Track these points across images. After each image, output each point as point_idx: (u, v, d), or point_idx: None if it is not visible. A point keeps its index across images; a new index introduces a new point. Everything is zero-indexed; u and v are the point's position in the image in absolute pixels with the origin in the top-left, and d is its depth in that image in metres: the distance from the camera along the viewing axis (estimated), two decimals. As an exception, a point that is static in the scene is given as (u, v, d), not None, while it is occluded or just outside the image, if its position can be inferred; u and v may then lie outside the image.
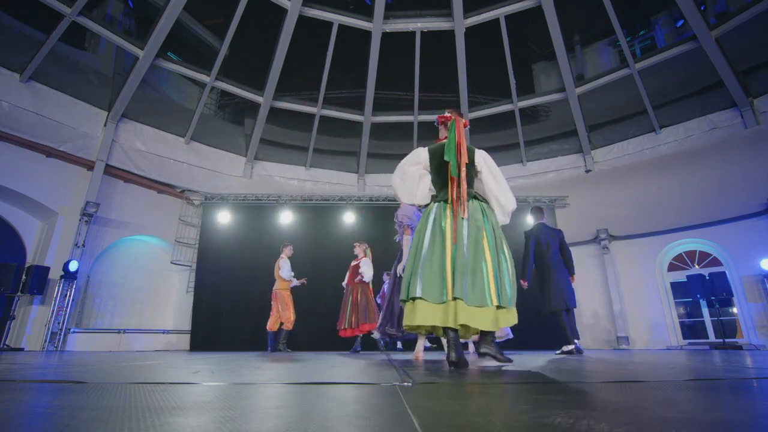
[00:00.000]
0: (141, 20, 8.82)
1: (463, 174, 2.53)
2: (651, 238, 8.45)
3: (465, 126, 2.78)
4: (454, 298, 2.31)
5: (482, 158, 2.77)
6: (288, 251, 6.86)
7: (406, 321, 2.47)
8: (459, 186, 2.53)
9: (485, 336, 2.66)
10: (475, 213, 2.54)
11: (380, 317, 4.05)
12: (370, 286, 6.39)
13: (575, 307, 5.03)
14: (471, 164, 2.69)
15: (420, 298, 2.37)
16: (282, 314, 6.56)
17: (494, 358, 2.63)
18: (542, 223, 5.22)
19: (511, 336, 4.65)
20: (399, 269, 3.94)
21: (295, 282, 6.76)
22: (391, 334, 3.92)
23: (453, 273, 2.35)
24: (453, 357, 2.37)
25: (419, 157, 2.79)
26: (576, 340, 4.85)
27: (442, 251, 2.43)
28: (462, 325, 2.34)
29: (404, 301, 2.52)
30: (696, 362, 3.31)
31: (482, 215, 2.55)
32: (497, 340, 4.71)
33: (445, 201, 2.58)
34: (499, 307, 2.39)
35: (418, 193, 2.76)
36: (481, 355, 2.69)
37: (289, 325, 6.55)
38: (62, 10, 6.90)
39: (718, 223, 7.70)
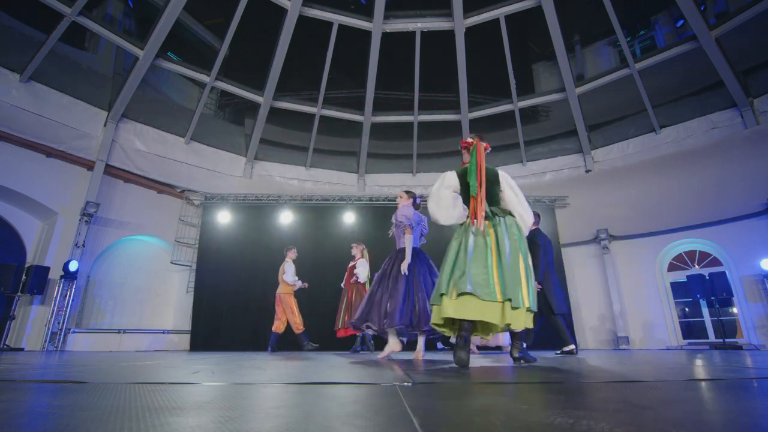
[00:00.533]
0: (141, 20, 8.82)
1: (482, 194, 2.86)
2: (651, 238, 8.45)
3: (486, 149, 3.17)
4: (506, 300, 2.56)
5: (505, 179, 3.15)
6: (292, 254, 6.87)
7: (452, 314, 2.59)
8: (479, 204, 2.85)
9: (516, 340, 3.03)
10: (511, 228, 2.85)
11: (359, 311, 4.01)
12: (367, 286, 6.38)
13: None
14: (496, 184, 3.07)
15: (471, 294, 2.54)
16: (290, 319, 6.59)
17: (527, 361, 3.06)
18: (538, 228, 5.22)
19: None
20: (404, 267, 3.90)
21: (299, 285, 6.77)
22: (370, 328, 3.90)
23: (500, 278, 2.62)
24: (464, 356, 2.55)
25: (450, 181, 3.12)
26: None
27: (487, 258, 2.69)
28: (479, 323, 2.69)
29: (443, 295, 2.66)
30: (696, 362, 3.31)
31: (517, 230, 2.87)
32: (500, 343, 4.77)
33: (483, 218, 2.85)
34: (528, 309, 2.65)
35: (455, 213, 3.04)
36: (516, 360, 3.06)
37: (300, 328, 6.59)
38: (62, 10, 6.90)
39: (718, 223, 7.70)
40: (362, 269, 6.33)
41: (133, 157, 8.31)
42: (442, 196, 3.07)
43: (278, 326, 6.60)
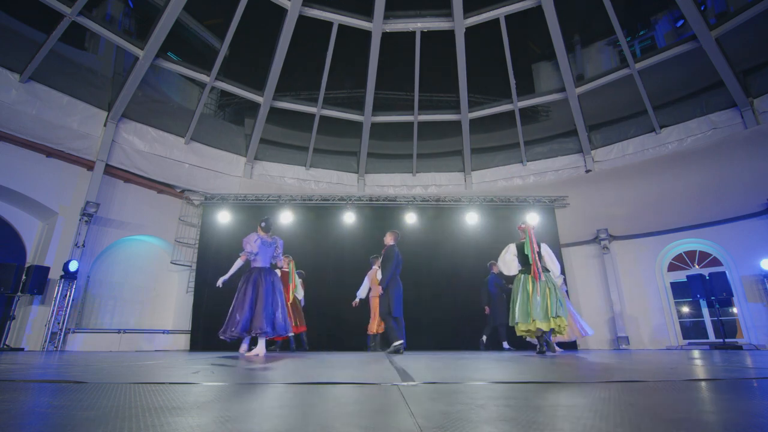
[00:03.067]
0: (141, 20, 8.81)
1: (536, 259, 5.04)
2: (651, 238, 8.45)
3: (532, 229, 5.25)
4: (552, 317, 4.84)
5: (545, 250, 5.29)
6: (379, 262, 7.19)
7: (524, 330, 5.02)
8: (534, 265, 5.02)
9: (541, 338, 4.98)
10: (550, 279, 5.03)
11: (226, 324, 4.75)
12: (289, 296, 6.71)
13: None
14: (539, 253, 5.16)
15: (535, 320, 4.86)
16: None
17: (552, 351, 5.47)
18: (394, 246, 5.96)
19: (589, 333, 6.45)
20: (219, 282, 5.07)
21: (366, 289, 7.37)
22: (233, 335, 4.70)
23: (548, 307, 4.84)
24: (550, 346, 5.26)
25: (512, 250, 5.39)
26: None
27: (527, 299, 4.96)
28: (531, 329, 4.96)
29: (518, 322, 4.99)
30: (696, 362, 3.31)
31: (548, 279, 5.01)
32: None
33: (527, 272, 5.10)
34: (555, 318, 4.81)
35: (512, 268, 5.31)
36: (541, 353, 4.87)
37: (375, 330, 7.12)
38: (62, 10, 6.89)
39: (718, 223, 7.70)
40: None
41: (133, 157, 8.31)
42: (507, 259, 5.37)
43: (372, 328, 7.16)
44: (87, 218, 7.44)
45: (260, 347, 4.69)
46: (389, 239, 5.82)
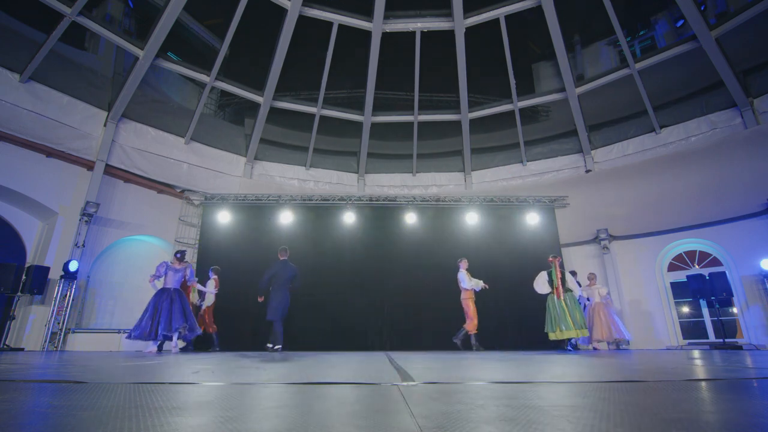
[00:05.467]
0: (141, 20, 8.81)
1: (559, 284, 6.65)
2: (651, 238, 8.44)
3: (558, 260, 6.94)
4: (577, 329, 6.39)
5: (568, 276, 6.80)
6: (465, 264, 7.55)
7: (558, 337, 6.54)
8: (557, 288, 6.64)
9: (567, 342, 6.66)
10: (573, 297, 6.60)
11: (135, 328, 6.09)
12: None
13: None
14: (564, 278, 6.71)
15: (565, 330, 6.43)
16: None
17: (576, 350, 6.87)
18: (286, 260, 6.85)
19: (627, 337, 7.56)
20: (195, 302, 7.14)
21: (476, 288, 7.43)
22: (140, 337, 6.03)
23: (571, 319, 6.42)
24: (566, 347, 6.73)
25: (544, 276, 6.87)
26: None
27: (554, 315, 6.60)
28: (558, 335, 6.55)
29: (550, 331, 6.62)
30: (696, 362, 3.31)
31: (568, 298, 6.57)
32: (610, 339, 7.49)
33: (553, 293, 6.71)
34: (580, 329, 6.41)
35: (544, 289, 6.80)
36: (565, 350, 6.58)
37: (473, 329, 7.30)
38: (62, 10, 6.89)
39: (718, 223, 7.70)
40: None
41: (133, 157, 8.31)
42: (539, 282, 6.89)
43: (471, 327, 7.31)
44: (87, 218, 7.43)
45: (173, 344, 6.32)
46: (280, 256, 6.97)
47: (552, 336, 6.55)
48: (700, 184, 7.94)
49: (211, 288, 7.54)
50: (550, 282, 6.77)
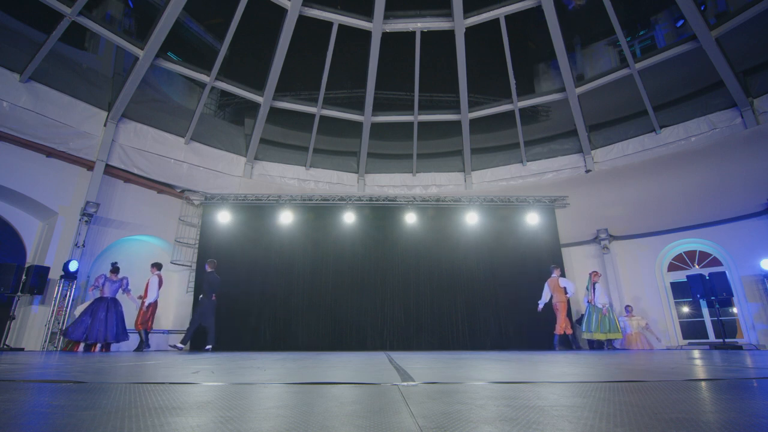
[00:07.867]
0: (141, 20, 8.81)
1: (591, 295, 7.63)
2: (651, 238, 8.44)
3: (558, 274, 7.88)
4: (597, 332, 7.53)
5: (597, 289, 7.60)
6: (558, 272, 7.95)
7: (589, 337, 7.56)
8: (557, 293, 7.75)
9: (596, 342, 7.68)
10: (596, 307, 7.58)
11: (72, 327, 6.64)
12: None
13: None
14: (595, 291, 7.64)
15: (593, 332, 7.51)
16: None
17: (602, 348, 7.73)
18: (213, 272, 7.50)
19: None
20: (545, 298, 7.83)
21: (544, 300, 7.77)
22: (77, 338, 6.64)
23: (590, 325, 7.60)
24: (598, 347, 7.68)
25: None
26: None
27: (588, 319, 7.63)
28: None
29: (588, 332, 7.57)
30: (696, 362, 3.31)
31: (596, 306, 7.64)
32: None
33: (588, 301, 7.78)
34: (608, 333, 7.39)
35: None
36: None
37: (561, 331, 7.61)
38: (62, 10, 6.89)
39: (718, 223, 7.70)
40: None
41: (133, 157, 8.31)
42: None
43: (559, 329, 7.59)
44: (87, 218, 7.43)
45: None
46: (208, 267, 7.55)
47: (585, 336, 7.54)
48: (700, 184, 7.94)
49: (153, 287, 7.54)
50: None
